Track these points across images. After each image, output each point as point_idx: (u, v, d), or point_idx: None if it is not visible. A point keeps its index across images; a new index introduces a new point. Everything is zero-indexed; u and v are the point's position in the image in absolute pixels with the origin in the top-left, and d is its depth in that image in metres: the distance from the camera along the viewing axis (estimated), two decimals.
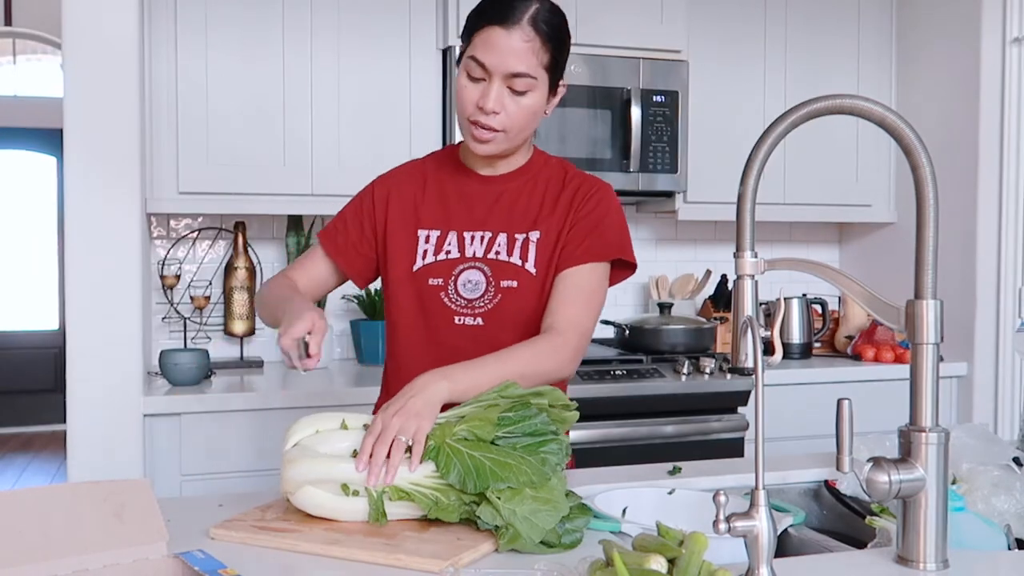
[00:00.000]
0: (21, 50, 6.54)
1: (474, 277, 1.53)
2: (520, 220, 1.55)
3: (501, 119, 1.44)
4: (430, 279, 1.54)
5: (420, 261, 1.55)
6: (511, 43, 1.40)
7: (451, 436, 1.22)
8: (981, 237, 3.05)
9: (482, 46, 1.42)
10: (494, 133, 1.45)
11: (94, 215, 2.34)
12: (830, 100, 1.11)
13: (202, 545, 1.15)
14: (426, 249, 1.55)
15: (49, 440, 6.68)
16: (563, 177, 1.58)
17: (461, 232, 1.55)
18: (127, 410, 2.35)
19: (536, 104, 1.46)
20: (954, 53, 3.13)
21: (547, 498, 1.17)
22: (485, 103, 1.42)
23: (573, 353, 1.46)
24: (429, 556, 1.10)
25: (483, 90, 1.43)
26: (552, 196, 1.56)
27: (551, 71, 1.46)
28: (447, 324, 1.54)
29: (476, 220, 1.55)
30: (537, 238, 1.53)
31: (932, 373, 1.11)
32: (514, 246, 1.53)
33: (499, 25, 1.40)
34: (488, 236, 1.54)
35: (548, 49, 1.43)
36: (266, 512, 1.28)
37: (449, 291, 1.53)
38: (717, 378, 2.81)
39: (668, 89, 2.98)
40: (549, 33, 1.43)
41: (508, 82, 1.42)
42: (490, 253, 1.53)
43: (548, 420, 1.25)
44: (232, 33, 2.70)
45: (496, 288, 1.52)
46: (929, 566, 1.09)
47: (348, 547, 1.13)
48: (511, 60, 1.40)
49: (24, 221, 7.05)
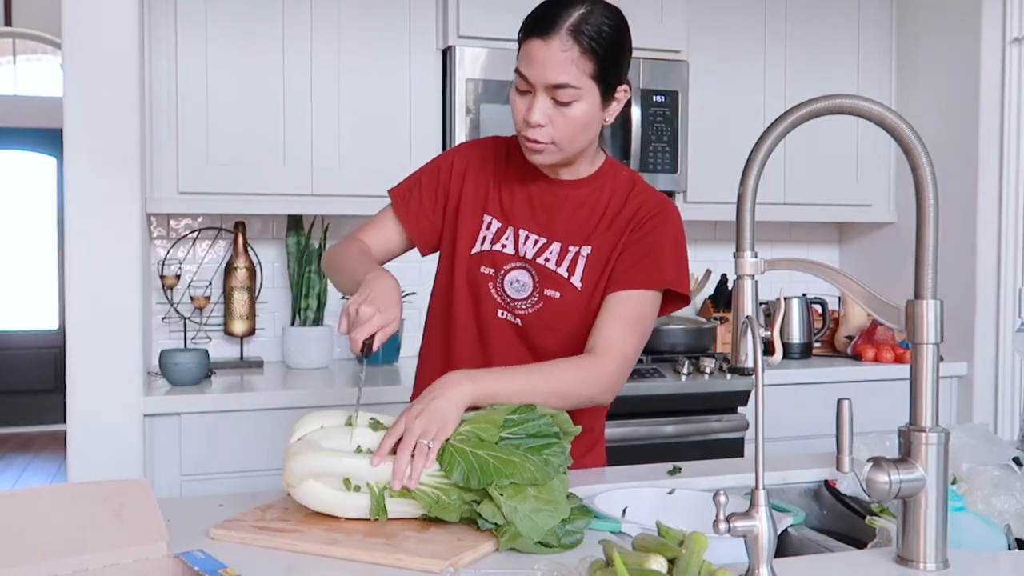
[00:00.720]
0: (21, 50, 6.54)
1: (522, 277, 1.52)
2: (577, 231, 1.53)
3: (548, 131, 1.42)
4: (482, 267, 1.54)
5: (479, 246, 1.54)
6: (548, 54, 1.37)
7: (454, 436, 1.23)
8: (981, 237, 3.05)
9: (524, 59, 1.41)
10: (543, 145, 1.43)
11: (94, 215, 2.34)
12: (830, 100, 1.11)
13: (202, 545, 1.15)
14: (486, 235, 1.54)
15: (49, 440, 6.67)
16: (628, 192, 1.54)
17: (518, 229, 1.54)
18: (127, 410, 2.35)
19: (585, 114, 1.41)
20: (954, 53, 3.13)
21: (548, 498, 1.17)
22: (530, 116, 1.41)
23: (611, 379, 1.43)
24: (429, 556, 1.10)
25: (528, 103, 1.41)
26: (613, 211, 1.53)
27: (600, 79, 1.40)
28: (491, 314, 1.54)
29: (537, 222, 1.54)
30: (588, 253, 1.51)
31: (932, 373, 1.11)
32: (564, 257, 1.52)
33: (537, 36, 1.38)
34: (543, 241, 1.53)
35: (590, 58, 1.38)
36: (266, 512, 1.28)
37: (497, 284, 1.53)
38: (717, 378, 2.81)
39: (668, 89, 2.98)
40: (592, 42, 1.37)
41: (552, 93, 1.39)
42: (540, 258, 1.52)
43: (551, 422, 1.26)
44: (232, 33, 2.70)
45: (540, 294, 1.52)
46: (929, 566, 1.09)
47: (348, 547, 1.13)
48: (549, 72, 1.38)
49: (24, 221, 7.05)
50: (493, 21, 2.77)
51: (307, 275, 2.90)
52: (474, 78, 2.77)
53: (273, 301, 3.08)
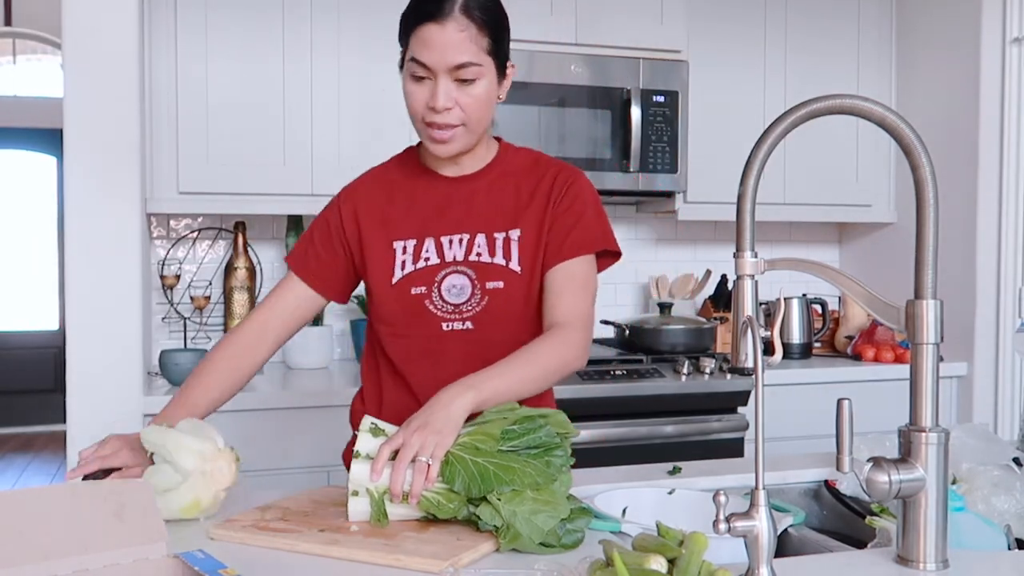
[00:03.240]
0: (21, 50, 6.54)
1: (458, 281, 1.50)
2: (497, 218, 1.51)
3: (456, 114, 1.41)
4: (412, 288, 1.50)
5: (399, 272, 1.51)
6: (447, 36, 1.37)
7: (455, 446, 1.22)
8: (981, 237, 3.05)
9: (420, 45, 1.38)
10: (452, 130, 1.42)
11: (94, 215, 2.34)
12: (830, 100, 1.11)
13: (202, 545, 1.15)
14: (404, 259, 1.51)
15: (49, 440, 6.68)
16: (534, 168, 1.55)
17: (438, 237, 1.51)
18: (127, 410, 2.35)
19: (487, 91, 1.43)
20: (954, 53, 3.13)
21: (547, 500, 1.17)
22: (435, 102, 1.39)
23: (583, 343, 1.45)
24: (429, 556, 1.10)
25: (431, 89, 1.40)
26: (527, 190, 1.53)
27: (495, 55, 1.42)
28: (436, 332, 1.50)
29: (452, 223, 1.51)
30: (518, 236, 1.50)
31: (932, 373, 1.11)
32: (495, 246, 1.50)
33: (431, 21, 1.37)
34: (467, 238, 1.51)
35: (486, 33, 1.40)
36: (266, 512, 1.28)
37: (434, 298, 1.50)
38: (717, 378, 2.81)
39: (668, 89, 2.98)
40: (484, 18, 1.40)
41: (454, 75, 1.39)
42: (471, 255, 1.50)
43: (553, 432, 1.25)
44: (232, 33, 2.70)
45: (483, 290, 1.49)
46: (929, 566, 1.09)
47: (348, 547, 1.13)
48: (450, 53, 1.37)
49: (24, 221, 7.05)
50: None
51: None
52: None
53: None
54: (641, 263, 3.46)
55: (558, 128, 2.88)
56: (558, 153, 2.87)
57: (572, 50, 2.90)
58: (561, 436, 1.25)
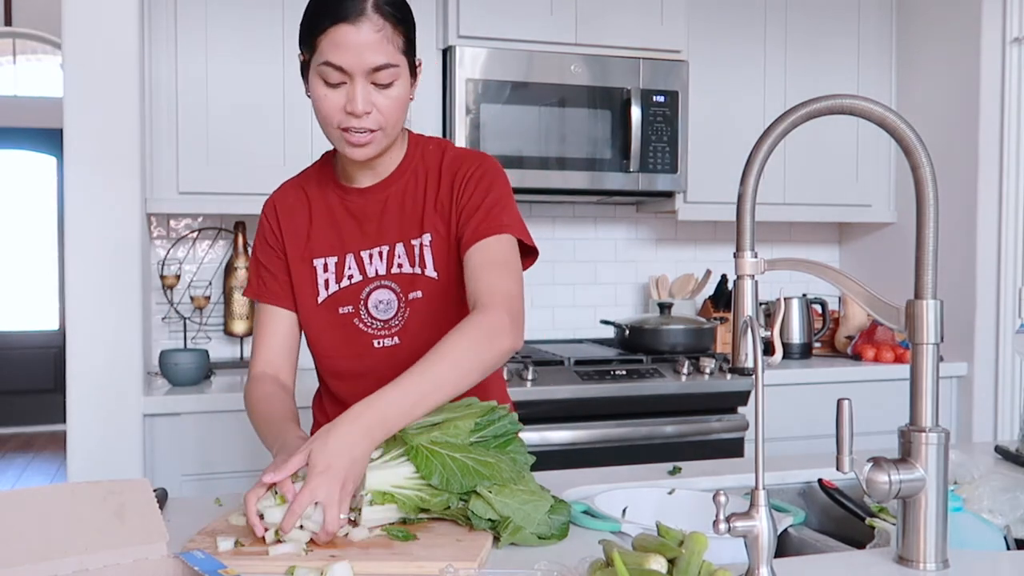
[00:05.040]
0: (21, 50, 6.54)
1: (384, 296, 1.45)
2: (410, 225, 1.45)
3: (374, 118, 1.34)
4: (339, 308, 1.45)
5: (324, 292, 1.46)
6: (362, 37, 1.29)
7: (425, 440, 1.21)
8: (981, 237, 3.04)
9: (333, 48, 1.30)
10: (371, 134, 1.35)
11: (94, 215, 2.34)
12: (830, 100, 1.11)
13: (202, 545, 1.14)
14: (327, 278, 1.46)
15: (49, 440, 6.68)
16: (440, 164, 1.46)
17: (358, 253, 1.46)
18: (127, 410, 2.35)
19: (404, 92, 1.35)
20: (954, 53, 3.13)
21: (531, 490, 1.20)
22: (354, 107, 1.31)
23: (511, 320, 1.29)
24: (429, 557, 1.10)
25: (347, 94, 1.32)
26: (433, 190, 1.45)
27: (408, 54, 1.36)
28: (367, 350, 1.46)
29: (369, 237, 1.46)
30: (429, 240, 1.44)
31: (932, 373, 1.11)
32: (413, 254, 1.44)
33: (345, 22, 1.29)
34: (386, 250, 1.45)
35: (400, 32, 1.33)
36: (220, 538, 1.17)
37: (362, 315, 1.45)
38: (717, 378, 2.81)
39: (668, 89, 2.98)
40: (397, 15, 1.33)
41: (372, 77, 1.31)
42: (392, 268, 1.45)
43: (515, 419, 1.28)
44: (232, 33, 2.70)
45: (405, 302, 1.44)
46: (929, 566, 1.09)
47: (363, 560, 1.08)
48: (368, 55, 1.30)
49: (24, 221, 7.05)
50: (493, 21, 2.76)
51: None
52: (474, 78, 2.77)
53: None
54: (641, 263, 3.46)
55: (558, 128, 2.88)
56: (558, 153, 2.88)
57: (572, 50, 2.90)
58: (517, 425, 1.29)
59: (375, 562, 1.09)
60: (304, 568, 1.06)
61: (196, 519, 1.28)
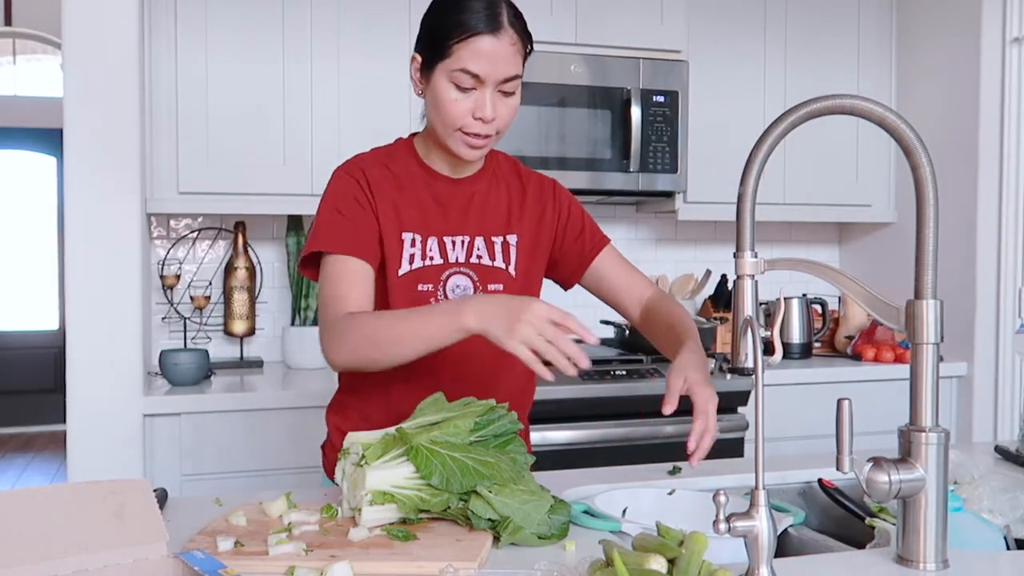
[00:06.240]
0: (21, 50, 6.54)
1: (462, 282, 1.51)
2: (493, 223, 1.54)
3: (495, 123, 1.43)
4: (420, 285, 1.49)
5: (407, 265, 1.49)
6: (502, 49, 1.38)
7: (425, 440, 1.22)
8: (981, 237, 3.04)
9: (472, 56, 1.37)
10: (488, 139, 1.44)
11: (94, 215, 2.34)
12: (830, 100, 1.11)
13: (202, 545, 1.14)
14: (412, 253, 1.49)
15: (49, 440, 6.68)
16: (518, 177, 1.60)
17: (441, 237, 1.51)
18: (127, 410, 2.35)
19: (519, 100, 1.46)
20: (954, 53, 3.13)
21: (531, 490, 1.20)
22: (484, 113, 1.40)
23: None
24: (429, 557, 1.10)
25: (476, 100, 1.40)
26: (517, 198, 1.58)
27: (523, 66, 1.46)
28: None
29: (453, 224, 1.52)
30: (516, 241, 1.54)
31: (932, 373, 1.11)
32: (494, 249, 1.53)
33: (488, 33, 1.37)
34: (467, 240, 1.52)
35: (524, 46, 1.43)
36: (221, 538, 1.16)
37: (439, 296, 1.49)
38: (717, 378, 2.81)
39: (668, 89, 2.98)
40: (524, 30, 1.43)
41: (502, 87, 1.41)
42: (472, 257, 1.52)
43: (515, 419, 1.29)
44: (232, 33, 2.70)
45: (484, 292, 1.51)
46: (929, 566, 1.09)
47: (362, 560, 1.09)
48: (503, 66, 1.39)
49: (24, 221, 7.05)
50: None
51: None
52: None
53: (273, 301, 3.08)
54: (641, 263, 3.43)
55: (558, 128, 2.88)
56: (558, 153, 2.88)
57: (572, 50, 2.91)
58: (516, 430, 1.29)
59: (375, 562, 1.09)
60: (304, 568, 1.07)
61: (196, 519, 1.28)
